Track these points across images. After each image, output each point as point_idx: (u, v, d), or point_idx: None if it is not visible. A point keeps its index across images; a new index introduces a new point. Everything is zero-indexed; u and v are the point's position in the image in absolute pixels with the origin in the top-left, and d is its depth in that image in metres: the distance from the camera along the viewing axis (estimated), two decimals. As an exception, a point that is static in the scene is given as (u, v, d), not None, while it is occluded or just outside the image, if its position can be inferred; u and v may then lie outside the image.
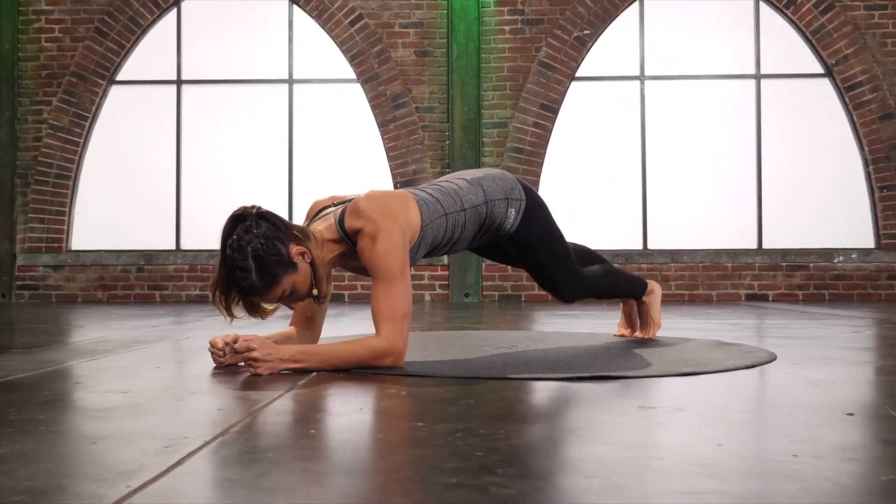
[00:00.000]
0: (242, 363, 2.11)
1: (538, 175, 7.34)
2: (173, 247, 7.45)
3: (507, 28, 7.42)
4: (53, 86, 7.54)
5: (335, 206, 2.34)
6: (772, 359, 2.32)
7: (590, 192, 7.39)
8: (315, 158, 7.52)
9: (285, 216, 7.24)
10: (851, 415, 1.44)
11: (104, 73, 7.52)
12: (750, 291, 7.20)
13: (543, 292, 7.17)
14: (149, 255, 7.39)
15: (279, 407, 1.55)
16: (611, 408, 1.56)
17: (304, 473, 1.05)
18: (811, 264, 7.18)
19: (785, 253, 7.19)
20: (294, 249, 2.06)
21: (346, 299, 7.26)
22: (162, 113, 7.56)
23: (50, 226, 7.49)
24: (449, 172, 7.27)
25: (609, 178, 7.40)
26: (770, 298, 7.17)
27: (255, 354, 1.98)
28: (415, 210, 2.25)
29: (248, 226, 2.04)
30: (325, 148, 7.51)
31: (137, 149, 7.56)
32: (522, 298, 7.25)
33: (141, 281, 7.40)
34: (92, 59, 7.52)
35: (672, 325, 3.98)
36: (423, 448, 1.21)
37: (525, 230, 2.52)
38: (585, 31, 7.38)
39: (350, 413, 1.51)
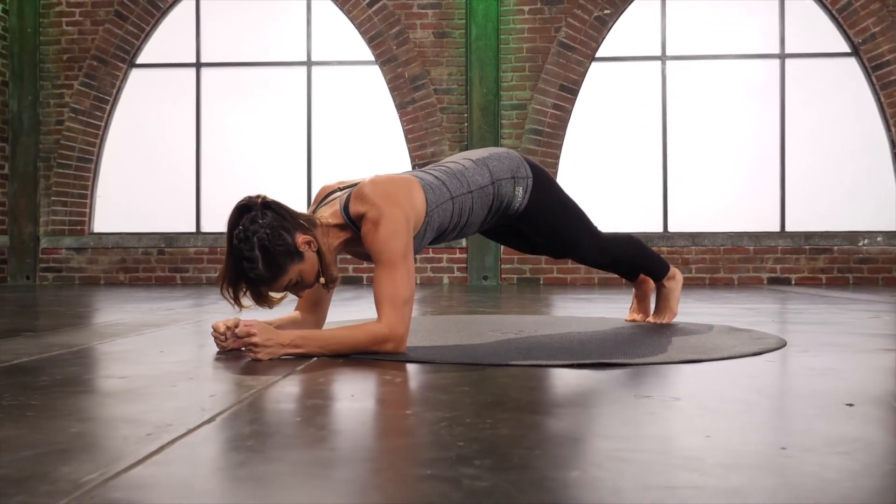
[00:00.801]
0: (244, 348, 2.11)
1: (557, 157, 7.28)
2: (193, 229, 7.50)
3: (526, 8, 7.34)
4: (75, 69, 7.59)
5: (341, 191, 2.32)
6: (781, 345, 2.28)
7: (610, 174, 7.32)
8: (333, 141, 7.51)
9: (304, 199, 7.28)
10: (851, 405, 1.41)
11: (124, 56, 7.56)
12: (772, 275, 7.11)
13: (562, 275, 7.15)
14: (169, 238, 7.44)
15: (271, 394, 1.54)
16: (605, 397, 1.53)
17: (279, 464, 1.04)
18: (835, 247, 7.07)
19: (808, 236, 7.09)
20: (300, 238, 2.05)
21: (365, 282, 7.27)
22: (181, 96, 7.59)
23: (72, 209, 7.57)
24: (467, 155, 7.25)
25: (629, 159, 7.32)
26: (793, 282, 7.07)
27: (254, 340, 1.98)
28: (420, 195, 2.23)
29: (253, 216, 2.03)
30: (343, 130, 7.51)
31: (157, 132, 7.60)
32: (541, 282, 7.22)
33: (162, 263, 7.47)
34: (112, 43, 7.56)
35: (688, 309, 3.94)
36: (406, 437, 1.20)
37: (535, 207, 2.50)
38: (606, 11, 7.28)
39: (341, 400, 1.50)
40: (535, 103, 7.30)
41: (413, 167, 7.27)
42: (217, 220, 7.46)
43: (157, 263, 7.47)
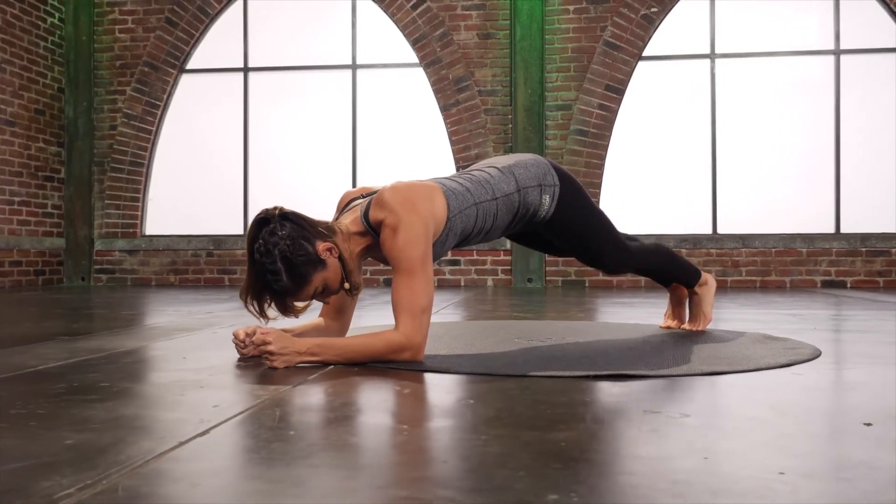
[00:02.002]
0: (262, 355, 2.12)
1: (603, 158, 7.18)
2: (241, 231, 7.61)
3: (571, 8, 7.26)
4: (127, 75, 7.77)
5: (363, 198, 2.31)
6: (814, 356, 2.20)
7: (657, 175, 7.20)
8: (378, 143, 7.54)
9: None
10: (869, 425, 1.35)
11: (174, 62, 7.71)
12: (826, 278, 6.89)
13: (608, 278, 7.05)
14: (218, 240, 7.56)
15: (275, 404, 1.54)
16: (612, 412, 1.49)
17: (256, 482, 1.03)
18: (893, 249, 6.82)
19: (865, 237, 6.85)
20: (321, 246, 2.05)
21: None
22: (229, 100, 7.71)
23: (125, 212, 7.75)
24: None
25: (677, 160, 7.18)
26: (848, 286, 6.85)
27: (270, 348, 1.98)
28: (441, 201, 2.21)
29: (272, 228, 2.03)
30: (388, 133, 7.53)
31: (206, 136, 7.73)
32: (586, 284, 7.13)
33: (210, 265, 7.59)
34: (163, 49, 7.72)
35: (731, 315, 3.84)
36: (394, 453, 1.18)
37: (562, 214, 2.46)
38: (653, 9, 7.15)
39: (340, 412, 1.49)
40: (581, 104, 7.22)
41: (457, 169, 7.26)
42: (264, 223, 7.54)
43: (205, 265, 7.60)
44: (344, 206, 2.36)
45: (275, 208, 2.10)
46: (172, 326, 3.23)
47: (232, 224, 7.63)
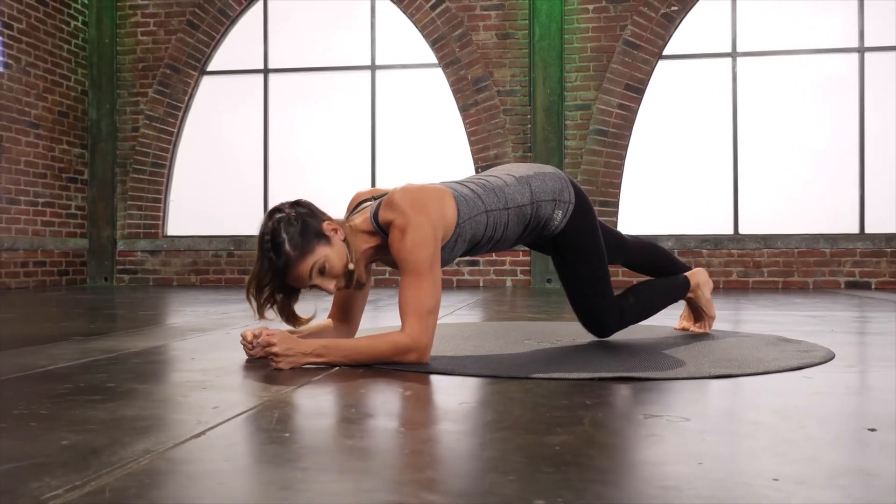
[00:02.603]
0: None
1: (622, 158, 7.14)
2: (261, 232, 7.64)
3: (590, 7, 7.22)
4: (149, 78, 7.84)
5: (374, 199, 2.32)
6: (827, 359, 2.17)
7: (677, 175, 7.14)
8: (397, 144, 7.55)
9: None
10: (873, 430, 1.32)
11: (196, 64, 7.77)
12: (850, 279, 6.80)
13: (626, 279, 6.99)
14: (238, 241, 7.61)
15: (275, 406, 1.54)
16: (614, 416, 1.47)
17: (246, 483, 1.03)
18: (919, 250, 6.71)
19: (890, 238, 6.75)
20: (326, 225, 2.09)
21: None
22: (250, 101, 7.75)
23: (147, 212, 7.82)
24: (530, 157, 7.19)
25: (698, 160, 7.12)
26: (872, 287, 6.75)
27: (275, 349, 1.99)
28: (451, 206, 2.20)
29: (280, 207, 2.12)
30: (407, 133, 7.54)
31: (227, 137, 7.79)
32: (606, 285, 7.08)
33: (231, 265, 7.65)
34: (184, 51, 7.78)
35: (747, 316, 3.80)
36: (383, 457, 1.18)
37: (570, 233, 2.43)
38: (673, 8, 7.09)
39: (338, 415, 1.49)
40: (600, 103, 7.18)
41: (476, 170, 7.25)
42: (284, 224, 7.58)
43: (226, 265, 7.65)
44: (354, 207, 2.36)
45: (288, 202, 2.15)
46: (187, 327, 3.26)
47: (252, 225, 7.59)
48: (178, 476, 1.07)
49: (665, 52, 7.14)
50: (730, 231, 7.04)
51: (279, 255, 2.02)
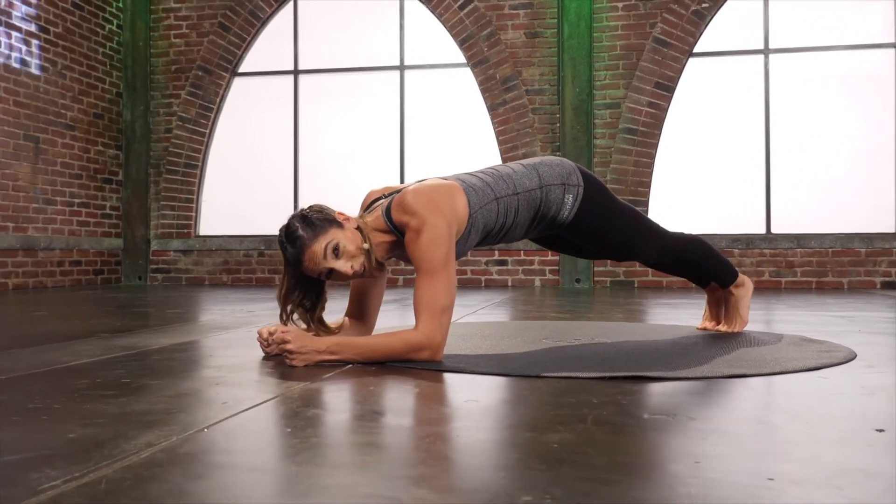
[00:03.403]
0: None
1: (652, 157, 7.07)
2: (291, 232, 7.70)
3: (619, 5, 7.17)
4: (182, 79, 7.95)
5: (386, 197, 2.34)
6: (847, 359, 2.13)
7: (708, 173, 7.06)
8: (426, 144, 7.57)
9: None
10: (882, 431, 1.30)
11: (227, 65, 7.86)
12: (887, 279, 6.66)
13: (657, 278, 6.94)
14: (269, 241, 7.68)
15: (283, 401, 1.56)
16: (618, 415, 1.46)
17: (244, 476, 1.05)
18: (958, 249, 6.56)
19: (927, 237, 6.60)
20: (339, 213, 2.20)
21: (457, 284, 7.27)
22: (280, 102, 7.83)
23: (180, 213, 7.93)
24: (559, 155, 7.15)
25: (729, 158, 7.03)
26: (909, 286, 6.61)
27: (289, 347, 2.01)
28: (462, 199, 2.22)
29: (297, 211, 2.23)
30: (435, 133, 7.55)
31: (258, 137, 7.87)
32: (635, 285, 7.04)
33: (262, 265, 7.72)
34: (216, 53, 7.88)
35: (774, 316, 3.74)
36: (379, 454, 1.18)
37: (586, 216, 2.43)
38: (704, 5, 7.02)
39: (341, 412, 1.50)
40: (630, 102, 7.12)
41: (504, 169, 7.22)
42: (314, 223, 7.64)
43: (257, 265, 7.74)
44: (367, 206, 2.38)
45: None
46: (211, 325, 3.30)
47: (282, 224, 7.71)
48: (175, 468, 1.09)
49: (696, 50, 7.07)
50: (762, 230, 6.94)
51: (293, 242, 2.12)
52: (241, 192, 7.86)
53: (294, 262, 2.13)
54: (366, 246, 2.15)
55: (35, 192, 6.74)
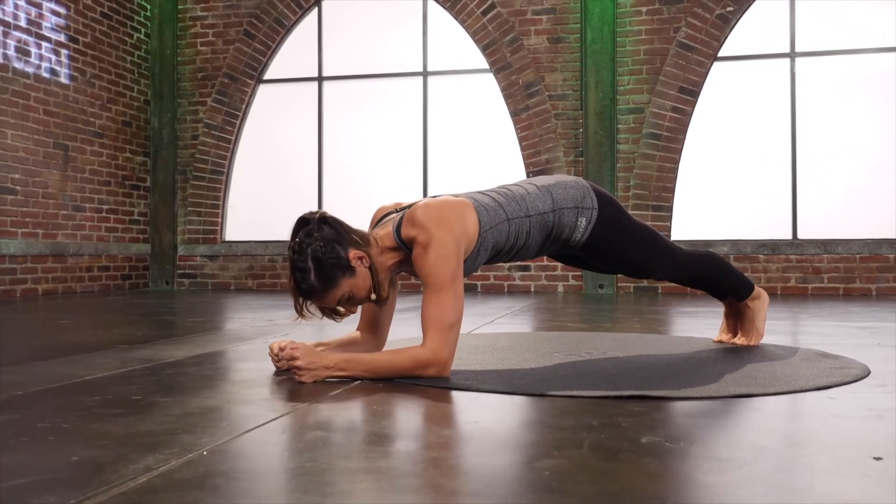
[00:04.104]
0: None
1: (676, 162, 7.03)
2: (315, 237, 7.76)
3: (643, 9, 7.13)
4: (208, 87, 8.05)
5: (397, 212, 2.35)
6: (860, 377, 2.11)
7: (733, 178, 7.00)
8: (449, 149, 7.59)
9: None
10: (879, 459, 1.29)
11: (252, 73, 7.94)
12: (916, 285, 6.55)
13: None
14: (293, 246, 7.74)
15: (286, 422, 1.58)
16: (616, 438, 1.46)
17: (237, 499, 1.07)
18: None
19: (958, 243, 6.49)
20: (352, 253, 2.11)
21: (479, 289, 7.29)
22: (304, 109, 7.89)
23: (206, 218, 8.03)
24: (582, 162, 7.14)
25: (755, 163, 6.96)
26: (939, 293, 6.50)
27: (298, 363, 2.04)
28: (472, 218, 2.22)
29: (309, 230, 2.12)
30: (458, 139, 7.57)
31: (283, 144, 7.94)
32: (659, 291, 6.99)
33: (287, 270, 7.77)
34: (241, 61, 7.97)
35: (796, 327, 3.70)
36: (369, 482, 1.20)
37: (599, 238, 2.43)
38: (729, 9, 6.96)
39: (339, 432, 1.51)
40: (653, 107, 7.08)
41: (527, 174, 7.23)
42: (337, 229, 7.69)
43: (282, 270, 7.80)
44: (377, 221, 2.40)
45: (316, 212, 2.18)
46: (230, 336, 3.34)
47: (306, 230, 7.78)
48: (169, 495, 1.11)
49: (720, 54, 7.01)
50: (788, 236, 6.87)
51: (305, 283, 2.08)
52: (266, 197, 7.94)
53: (304, 296, 2.12)
54: (373, 297, 2.16)
55: (64, 199, 6.87)
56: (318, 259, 2.06)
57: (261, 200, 7.96)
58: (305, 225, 2.14)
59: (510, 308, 5.03)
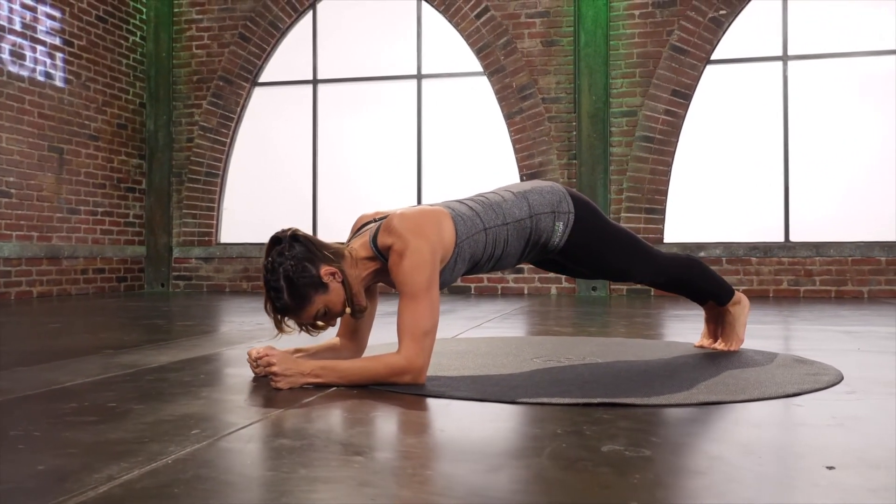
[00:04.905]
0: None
1: (669, 165, 7.05)
2: (310, 240, 7.79)
3: (636, 12, 7.16)
4: (203, 90, 8.08)
5: (376, 221, 2.37)
6: (831, 384, 2.13)
7: (726, 181, 7.02)
8: (443, 152, 7.61)
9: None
10: (832, 468, 1.31)
11: (247, 75, 7.97)
12: (908, 288, 6.57)
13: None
14: (288, 248, 7.76)
15: (255, 430, 1.60)
16: (577, 447, 1.48)
17: (183, 516, 1.09)
18: (981, 258, 6.45)
19: (950, 246, 6.50)
20: (324, 270, 2.12)
21: (473, 292, 7.31)
22: (299, 111, 7.92)
23: (201, 220, 8.06)
24: (575, 164, 7.16)
25: (747, 166, 6.98)
26: (931, 296, 6.52)
27: (274, 369, 2.06)
28: (449, 226, 2.24)
29: (281, 248, 2.14)
30: (452, 141, 7.59)
31: (278, 146, 7.97)
32: (652, 293, 7.01)
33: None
34: (237, 64, 7.99)
35: (781, 331, 3.72)
36: (327, 491, 1.22)
37: (577, 242, 2.46)
38: (721, 12, 6.98)
39: (306, 440, 1.53)
40: (646, 109, 7.10)
41: (521, 177, 7.25)
42: (332, 231, 7.71)
43: (276, 272, 7.81)
44: (358, 230, 2.42)
45: (288, 230, 2.20)
46: (216, 340, 3.36)
47: (301, 232, 7.81)
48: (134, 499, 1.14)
49: (713, 57, 7.03)
50: (780, 238, 6.89)
51: (279, 301, 2.10)
52: (261, 200, 7.96)
53: (279, 314, 2.15)
54: (349, 310, 2.18)
55: (59, 202, 6.90)
56: (289, 278, 2.09)
57: (256, 203, 7.99)
58: (278, 244, 2.16)
59: (500, 311, 5.05)
